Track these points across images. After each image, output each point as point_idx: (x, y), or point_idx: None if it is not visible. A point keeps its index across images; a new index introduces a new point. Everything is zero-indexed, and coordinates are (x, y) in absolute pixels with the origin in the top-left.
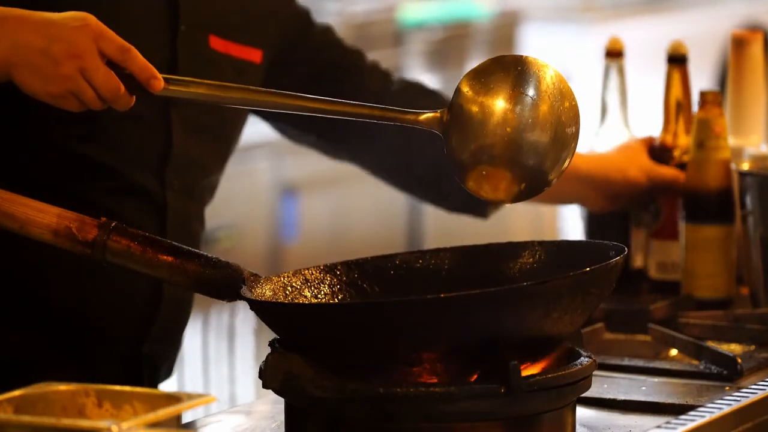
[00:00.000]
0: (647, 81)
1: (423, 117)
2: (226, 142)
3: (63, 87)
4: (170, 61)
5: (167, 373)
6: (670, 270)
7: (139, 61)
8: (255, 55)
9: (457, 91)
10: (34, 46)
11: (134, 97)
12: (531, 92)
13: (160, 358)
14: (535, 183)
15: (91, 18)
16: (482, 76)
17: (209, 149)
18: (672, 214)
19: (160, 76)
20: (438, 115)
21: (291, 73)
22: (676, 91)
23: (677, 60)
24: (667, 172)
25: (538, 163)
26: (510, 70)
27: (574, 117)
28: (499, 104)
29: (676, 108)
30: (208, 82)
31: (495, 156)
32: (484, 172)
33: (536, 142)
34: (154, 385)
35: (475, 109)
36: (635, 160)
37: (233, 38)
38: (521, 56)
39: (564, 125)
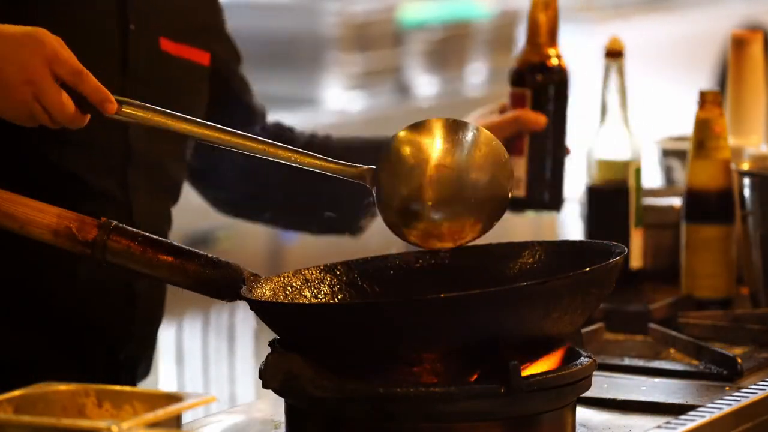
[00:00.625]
0: (647, 81)
1: (355, 170)
2: (183, 142)
3: (18, 111)
4: (121, 61)
5: (144, 374)
6: (516, 187)
7: (92, 84)
8: (204, 58)
9: (387, 146)
10: None
11: (88, 116)
12: (459, 144)
13: (138, 359)
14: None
15: (46, 37)
16: (412, 132)
17: (168, 149)
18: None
19: (113, 98)
20: (372, 167)
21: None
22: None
23: None
24: (503, 118)
25: (469, 209)
26: (438, 127)
27: (507, 174)
28: (426, 153)
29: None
30: (161, 109)
31: (426, 200)
32: (418, 221)
33: (465, 189)
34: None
35: (403, 159)
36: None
37: (183, 40)
38: (448, 119)
39: (496, 177)
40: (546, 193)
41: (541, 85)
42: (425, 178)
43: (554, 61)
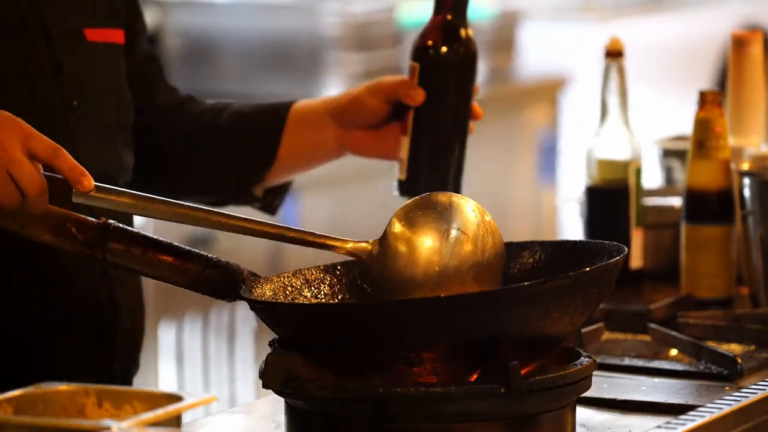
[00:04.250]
0: (647, 81)
1: (351, 246)
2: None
3: None
4: (56, 67)
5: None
6: (400, 169)
7: (68, 161)
8: (119, 36)
9: (389, 225)
10: None
11: (46, 199)
12: (456, 230)
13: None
14: None
15: (19, 120)
16: (411, 213)
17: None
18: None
19: (88, 175)
20: (369, 246)
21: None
22: None
23: None
24: (390, 80)
25: None
26: (437, 207)
27: (500, 254)
28: (426, 243)
29: None
30: (134, 192)
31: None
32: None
33: (463, 280)
34: None
35: (402, 246)
36: (366, 85)
37: (103, 24)
38: (449, 195)
39: (491, 263)
40: (423, 180)
41: (431, 61)
42: (420, 281)
43: (452, 40)
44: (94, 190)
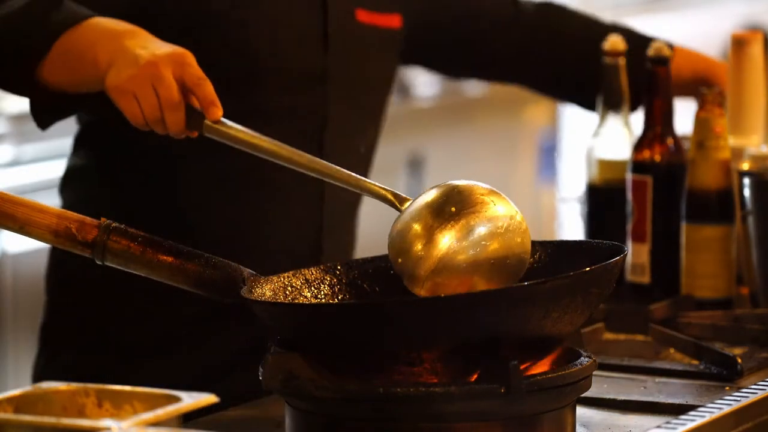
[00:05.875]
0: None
1: (390, 194)
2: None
3: (130, 86)
4: (322, 38)
5: None
6: (639, 272)
7: (207, 90)
8: (395, 21)
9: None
10: (128, 50)
11: (183, 126)
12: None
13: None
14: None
15: (188, 53)
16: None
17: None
18: (642, 216)
19: (220, 107)
20: (399, 200)
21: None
22: None
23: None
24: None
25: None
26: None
27: (521, 258)
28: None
29: None
30: (248, 131)
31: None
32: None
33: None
34: None
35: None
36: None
37: (376, 8)
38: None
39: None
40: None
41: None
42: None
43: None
44: (221, 122)
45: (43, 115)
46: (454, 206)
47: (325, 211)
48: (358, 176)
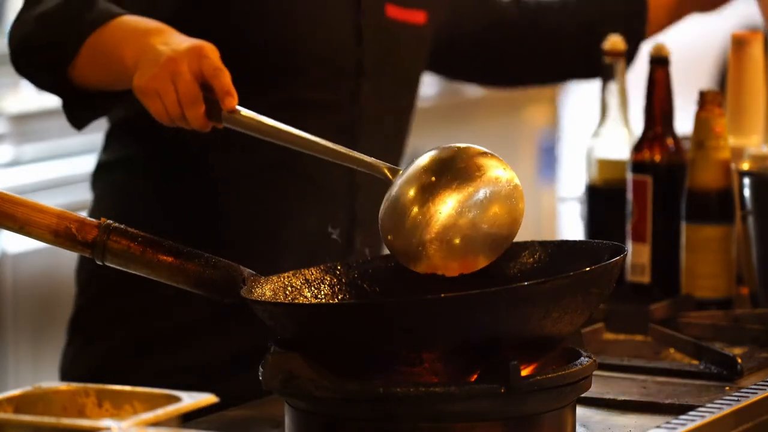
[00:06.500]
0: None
1: (384, 167)
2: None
3: (152, 84)
4: (356, 33)
5: None
6: (639, 272)
7: (223, 81)
8: (420, 17)
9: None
10: (151, 48)
11: (205, 119)
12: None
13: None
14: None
15: (206, 45)
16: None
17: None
18: (642, 216)
19: (236, 97)
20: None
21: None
22: None
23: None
24: None
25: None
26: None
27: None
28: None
29: None
30: (266, 119)
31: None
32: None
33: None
34: None
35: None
36: None
37: (405, 4)
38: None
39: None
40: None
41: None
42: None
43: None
44: (237, 111)
45: (77, 114)
46: (449, 172)
47: (357, 204)
48: (358, 155)
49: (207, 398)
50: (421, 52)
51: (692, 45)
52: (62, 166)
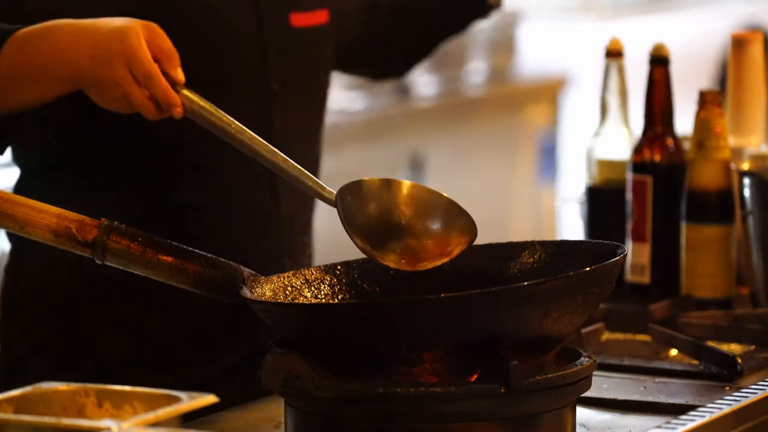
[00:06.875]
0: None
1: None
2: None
3: (118, 105)
4: (259, 48)
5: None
6: (639, 272)
7: (161, 87)
8: (322, 16)
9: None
10: (100, 35)
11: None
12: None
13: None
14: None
15: (129, 33)
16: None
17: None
18: (642, 216)
19: (180, 104)
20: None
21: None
22: None
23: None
24: None
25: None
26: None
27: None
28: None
29: None
30: (226, 117)
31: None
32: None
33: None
34: None
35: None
36: None
37: (307, 8)
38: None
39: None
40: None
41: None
42: (389, 200)
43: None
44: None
45: None
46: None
47: (281, 206)
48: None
49: (207, 398)
50: (327, 53)
51: (692, 45)
52: None
